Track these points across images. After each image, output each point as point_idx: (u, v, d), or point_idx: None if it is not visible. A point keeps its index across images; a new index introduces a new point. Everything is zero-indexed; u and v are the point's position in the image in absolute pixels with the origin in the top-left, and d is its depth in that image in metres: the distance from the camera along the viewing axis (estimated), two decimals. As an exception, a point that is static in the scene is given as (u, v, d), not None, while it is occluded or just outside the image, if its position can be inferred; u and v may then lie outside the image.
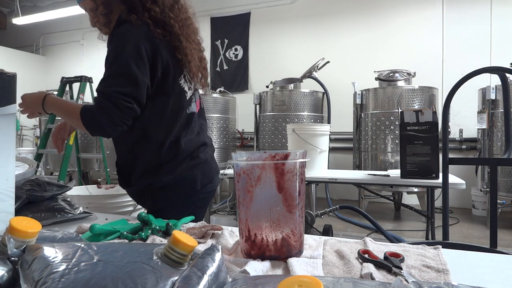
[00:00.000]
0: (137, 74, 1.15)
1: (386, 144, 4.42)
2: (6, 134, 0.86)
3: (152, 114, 1.26)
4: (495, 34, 5.21)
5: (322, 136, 2.66)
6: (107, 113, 1.12)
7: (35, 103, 1.25)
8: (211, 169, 1.40)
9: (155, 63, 1.21)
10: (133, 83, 1.15)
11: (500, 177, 4.04)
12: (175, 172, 1.31)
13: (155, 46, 1.20)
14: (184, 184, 1.33)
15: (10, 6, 8.32)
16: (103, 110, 1.13)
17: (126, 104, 1.14)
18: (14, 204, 0.88)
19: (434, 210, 2.98)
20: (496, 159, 1.98)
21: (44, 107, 1.24)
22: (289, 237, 0.75)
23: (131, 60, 1.15)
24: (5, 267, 0.51)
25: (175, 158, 1.31)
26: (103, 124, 1.13)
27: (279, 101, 4.93)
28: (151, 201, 1.36)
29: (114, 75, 1.15)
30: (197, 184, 1.35)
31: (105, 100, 1.13)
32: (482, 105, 4.42)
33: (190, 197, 1.35)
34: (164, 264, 0.51)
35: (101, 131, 1.16)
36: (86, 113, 1.16)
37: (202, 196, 1.38)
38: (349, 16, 6.01)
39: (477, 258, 0.79)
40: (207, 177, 1.38)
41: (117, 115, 1.13)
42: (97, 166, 6.27)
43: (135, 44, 1.16)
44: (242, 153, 0.77)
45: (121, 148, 1.37)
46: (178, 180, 1.31)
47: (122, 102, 1.13)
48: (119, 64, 1.15)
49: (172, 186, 1.31)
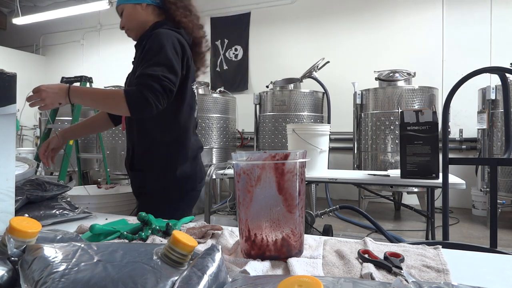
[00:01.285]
0: (176, 66, 1.31)
1: (386, 144, 4.42)
2: (6, 134, 0.86)
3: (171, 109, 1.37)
4: (495, 34, 5.21)
5: (322, 136, 2.66)
6: (153, 92, 1.23)
7: (58, 94, 1.26)
8: (202, 171, 1.54)
9: (182, 63, 1.37)
10: (174, 72, 1.30)
11: (500, 177, 4.04)
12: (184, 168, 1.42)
13: (184, 49, 1.38)
14: (188, 182, 1.44)
15: (10, 6, 8.32)
16: (150, 89, 1.23)
17: (169, 87, 1.27)
18: (14, 204, 0.88)
19: (434, 210, 2.98)
20: (496, 159, 1.98)
21: (70, 97, 1.27)
22: (289, 237, 0.75)
23: (171, 54, 1.31)
24: (5, 267, 0.51)
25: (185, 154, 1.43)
26: (150, 101, 1.22)
27: (279, 101, 4.93)
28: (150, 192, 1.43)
29: (157, 64, 1.28)
30: (196, 183, 1.48)
31: (151, 81, 1.24)
32: (482, 105, 4.42)
33: (185, 195, 1.45)
34: (164, 264, 0.51)
35: (145, 108, 1.24)
36: (131, 92, 1.24)
37: (194, 194, 1.49)
38: (349, 16, 6.01)
39: (477, 258, 0.79)
40: (201, 177, 1.52)
41: (161, 94, 1.25)
42: (97, 166, 6.27)
43: (173, 43, 1.33)
44: (242, 153, 0.77)
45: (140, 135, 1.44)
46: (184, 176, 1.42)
47: (167, 83, 1.26)
48: (162, 56, 1.29)
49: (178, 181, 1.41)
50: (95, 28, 7.96)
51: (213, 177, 2.76)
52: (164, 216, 1.08)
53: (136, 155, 1.45)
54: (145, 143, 1.42)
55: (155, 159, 1.41)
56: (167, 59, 1.29)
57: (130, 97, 1.23)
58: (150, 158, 1.42)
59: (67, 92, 1.26)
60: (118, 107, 1.26)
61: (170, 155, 1.40)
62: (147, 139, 1.42)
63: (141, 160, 1.44)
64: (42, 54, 8.75)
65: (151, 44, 1.32)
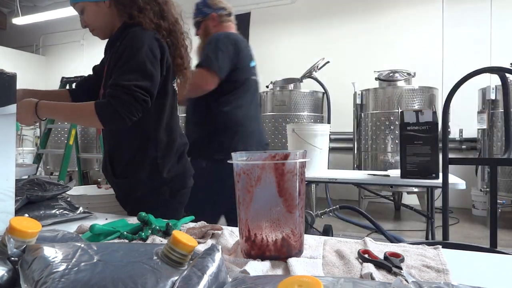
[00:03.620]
0: (152, 71, 1.25)
1: (386, 144, 4.42)
2: (6, 134, 0.86)
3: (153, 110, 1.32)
4: (495, 34, 5.21)
5: (322, 136, 2.66)
6: (125, 104, 1.19)
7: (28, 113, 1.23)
8: (190, 168, 1.51)
9: (162, 64, 1.31)
10: (149, 78, 1.24)
11: (500, 177, 4.04)
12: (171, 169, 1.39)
13: (163, 49, 1.31)
14: (177, 181, 1.41)
15: (10, 6, 8.32)
16: (121, 101, 1.19)
17: (143, 97, 1.21)
18: (14, 204, 0.88)
19: (434, 210, 2.98)
20: (496, 159, 1.98)
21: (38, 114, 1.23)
22: (289, 237, 0.75)
23: (147, 58, 1.24)
24: (5, 267, 0.51)
25: (171, 155, 1.39)
26: (121, 114, 1.19)
27: (279, 101, 4.93)
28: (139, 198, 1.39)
29: (130, 71, 1.23)
30: (187, 181, 1.46)
31: (122, 93, 1.19)
32: (482, 105, 4.42)
33: (176, 194, 1.43)
34: (164, 264, 0.51)
35: (117, 121, 1.21)
36: (102, 105, 1.21)
37: (185, 191, 1.47)
38: (349, 16, 6.01)
39: (477, 258, 0.79)
40: (189, 174, 1.50)
41: (134, 106, 1.20)
42: (97, 166, 6.27)
43: (149, 44, 1.26)
44: (242, 153, 0.77)
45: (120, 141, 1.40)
46: (173, 177, 1.39)
47: (139, 95, 1.21)
48: (136, 61, 1.23)
49: (168, 182, 1.38)
50: (95, 28, 7.95)
51: (213, 177, 2.75)
52: (156, 217, 1.07)
53: (117, 162, 1.40)
54: (126, 148, 1.37)
55: (139, 165, 1.36)
56: (142, 63, 1.23)
57: (101, 111, 1.20)
58: (133, 163, 1.37)
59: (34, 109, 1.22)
60: (90, 122, 1.24)
61: (155, 158, 1.35)
62: (127, 144, 1.37)
63: (125, 167, 1.38)
64: (42, 54, 8.75)
65: (123, 48, 1.26)
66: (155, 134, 1.35)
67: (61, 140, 5.64)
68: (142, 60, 1.23)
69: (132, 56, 1.24)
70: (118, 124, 1.22)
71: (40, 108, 1.24)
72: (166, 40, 1.35)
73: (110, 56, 1.36)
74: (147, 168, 1.36)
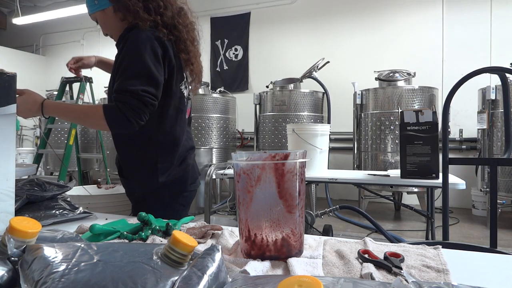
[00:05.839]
0: (157, 75, 1.25)
1: (386, 144, 4.42)
2: (6, 134, 0.86)
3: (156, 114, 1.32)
4: (495, 34, 5.21)
5: (322, 136, 2.66)
6: (133, 109, 1.21)
7: (31, 109, 1.24)
8: (195, 171, 1.51)
9: (164, 65, 1.30)
10: (154, 82, 1.25)
11: (500, 177, 4.04)
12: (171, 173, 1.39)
13: (165, 48, 1.29)
14: (177, 185, 1.41)
15: (10, 6, 8.32)
16: (130, 106, 1.21)
17: (150, 101, 1.24)
18: (14, 204, 0.88)
19: (434, 210, 2.98)
20: (496, 159, 1.98)
21: (43, 112, 1.25)
22: (289, 237, 0.75)
23: (150, 62, 1.24)
24: (5, 267, 0.51)
25: (172, 159, 1.39)
26: (130, 119, 1.20)
27: (279, 101, 4.93)
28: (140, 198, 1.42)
29: (136, 75, 1.23)
30: (187, 185, 1.45)
31: (131, 98, 1.21)
32: (482, 105, 4.42)
33: (177, 196, 1.43)
34: (164, 264, 0.51)
35: (126, 125, 1.22)
36: (110, 109, 1.22)
37: (187, 194, 1.47)
38: (349, 16, 6.01)
39: (477, 258, 0.79)
40: (193, 178, 1.49)
41: (142, 111, 1.22)
42: (97, 166, 6.27)
43: (151, 45, 1.26)
44: (242, 153, 0.77)
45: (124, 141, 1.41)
46: (172, 180, 1.39)
47: (148, 99, 1.23)
48: (140, 65, 1.23)
49: (166, 186, 1.38)
50: (95, 28, 7.94)
51: (213, 177, 2.76)
52: (159, 217, 1.07)
53: (122, 162, 1.43)
54: (129, 151, 1.39)
55: (140, 167, 1.37)
56: (146, 67, 1.23)
57: (110, 115, 1.21)
58: (134, 166, 1.39)
59: (40, 107, 1.24)
60: (98, 125, 1.25)
61: (156, 162, 1.35)
62: (130, 147, 1.38)
63: (127, 168, 1.41)
64: (42, 54, 8.75)
65: (127, 50, 1.26)
66: (156, 137, 1.35)
67: (61, 140, 5.64)
68: (146, 64, 1.23)
69: (136, 59, 1.24)
70: (126, 129, 1.23)
71: (46, 108, 1.25)
72: (169, 37, 1.32)
73: (115, 59, 1.37)
74: (146, 170, 1.37)
